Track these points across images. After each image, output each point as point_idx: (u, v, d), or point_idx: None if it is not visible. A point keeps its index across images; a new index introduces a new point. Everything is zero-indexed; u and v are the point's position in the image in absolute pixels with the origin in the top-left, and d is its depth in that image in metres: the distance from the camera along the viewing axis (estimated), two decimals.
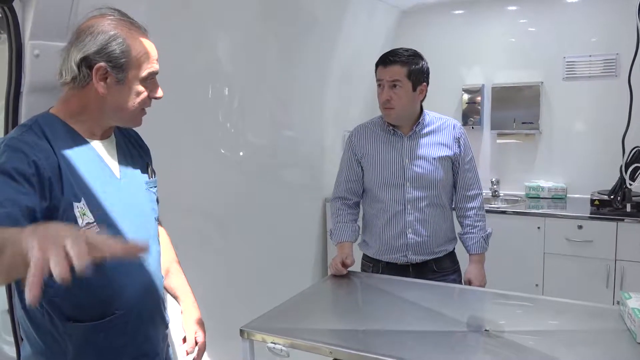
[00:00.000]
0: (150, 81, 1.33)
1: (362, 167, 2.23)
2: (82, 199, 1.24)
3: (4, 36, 1.41)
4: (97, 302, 1.29)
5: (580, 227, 3.01)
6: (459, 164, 2.18)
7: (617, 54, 3.34)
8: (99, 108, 1.29)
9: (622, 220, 2.91)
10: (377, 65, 2.14)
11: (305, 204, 3.49)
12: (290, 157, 3.24)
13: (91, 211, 1.25)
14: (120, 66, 1.26)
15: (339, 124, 3.67)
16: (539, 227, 3.12)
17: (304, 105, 3.33)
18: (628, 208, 2.93)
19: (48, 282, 1.24)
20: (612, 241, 2.93)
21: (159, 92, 1.36)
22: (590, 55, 3.43)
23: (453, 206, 2.27)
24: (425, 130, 2.17)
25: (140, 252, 0.93)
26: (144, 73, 1.30)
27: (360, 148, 2.22)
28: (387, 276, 2.14)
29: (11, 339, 1.53)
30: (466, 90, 3.80)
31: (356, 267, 2.20)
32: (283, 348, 1.52)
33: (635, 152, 2.77)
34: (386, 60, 2.11)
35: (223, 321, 1.76)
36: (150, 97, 1.34)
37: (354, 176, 2.25)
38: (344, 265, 2.10)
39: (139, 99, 1.32)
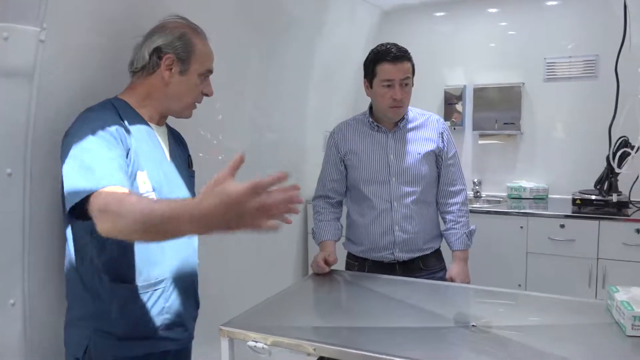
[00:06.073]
0: (205, 78, 1.55)
1: (345, 165, 2.19)
2: (145, 169, 1.42)
3: None
4: (143, 265, 1.43)
5: (562, 226, 3.01)
6: (442, 158, 2.16)
7: (597, 55, 3.36)
8: (161, 95, 1.50)
9: (604, 219, 2.91)
10: (379, 61, 2.04)
11: None
12: (271, 159, 3.18)
13: (150, 181, 1.43)
14: (184, 59, 1.48)
15: (320, 125, 3.62)
16: (521, 227, 3.11)
17: (285, 106, 3.27)
18: (614, 198, 2.93)
19: (106, 245, 1.38)
20: (594, 240, 2.93)
21: (211, 90, 1.58)
22: (570, 57, 3.46)
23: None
24: (410, 125, 2.14)
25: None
26: (202, 69, 1.52)
27: (343, 145, 2.18)
28: (370, 274, 2.09)
29: None
30: (448, 91, 3.80)
31: (339, 266, 2.16)
32: (265, 346, 1.47)
33: (621, 141, 2.83)
34: (396, 57, 2.01)
35: (203, 321, 1.70)
36: (202, 93, 1.56)
37: (338, 174, 2.20)
38: (327, 263, 2.05)
39: (194, 92, 1.54)
